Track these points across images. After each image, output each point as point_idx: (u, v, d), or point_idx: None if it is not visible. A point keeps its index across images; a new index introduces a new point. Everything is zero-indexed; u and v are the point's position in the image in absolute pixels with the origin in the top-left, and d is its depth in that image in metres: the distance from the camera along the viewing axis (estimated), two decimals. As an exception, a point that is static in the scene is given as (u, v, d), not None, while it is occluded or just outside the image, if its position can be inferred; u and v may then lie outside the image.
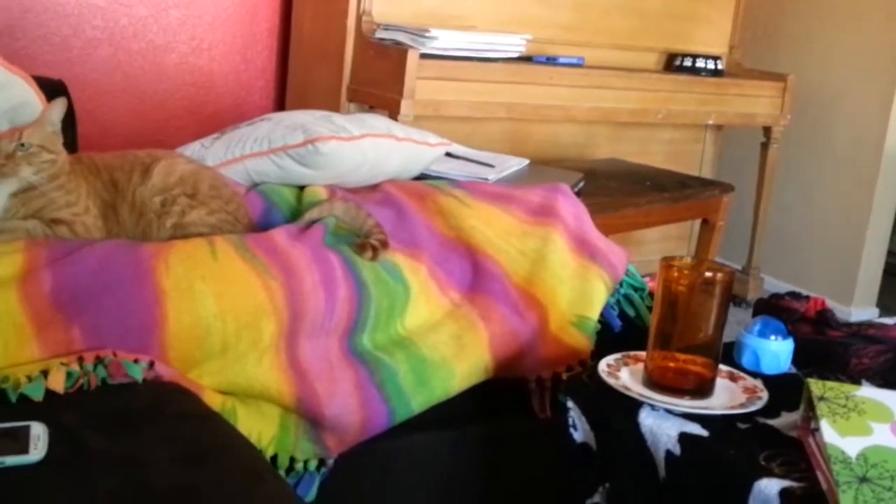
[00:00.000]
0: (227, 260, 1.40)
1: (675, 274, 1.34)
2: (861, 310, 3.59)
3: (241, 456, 1.16)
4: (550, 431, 1.47)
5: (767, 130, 3.59)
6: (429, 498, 1.58)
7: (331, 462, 1.43)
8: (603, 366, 1.38)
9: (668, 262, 1.35)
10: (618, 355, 1.42)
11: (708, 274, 1.32)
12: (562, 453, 1.39)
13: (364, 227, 1.64)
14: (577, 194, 2.13)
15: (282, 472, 1.39)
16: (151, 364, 1.27)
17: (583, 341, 1.69)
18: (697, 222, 3.45)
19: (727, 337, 1.46)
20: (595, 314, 1.73)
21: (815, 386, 1.22)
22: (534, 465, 1.62)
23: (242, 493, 1.06)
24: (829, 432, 1.15)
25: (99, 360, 1.24)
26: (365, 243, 1.58)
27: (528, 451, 1.64)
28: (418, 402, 1.49)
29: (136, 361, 1.26)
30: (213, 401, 1.32)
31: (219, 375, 1.34)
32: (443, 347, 1.56)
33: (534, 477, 1.62)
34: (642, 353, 1.39)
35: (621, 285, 1.83)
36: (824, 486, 1.11)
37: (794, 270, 3.84)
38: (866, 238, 3.61)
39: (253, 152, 1.82)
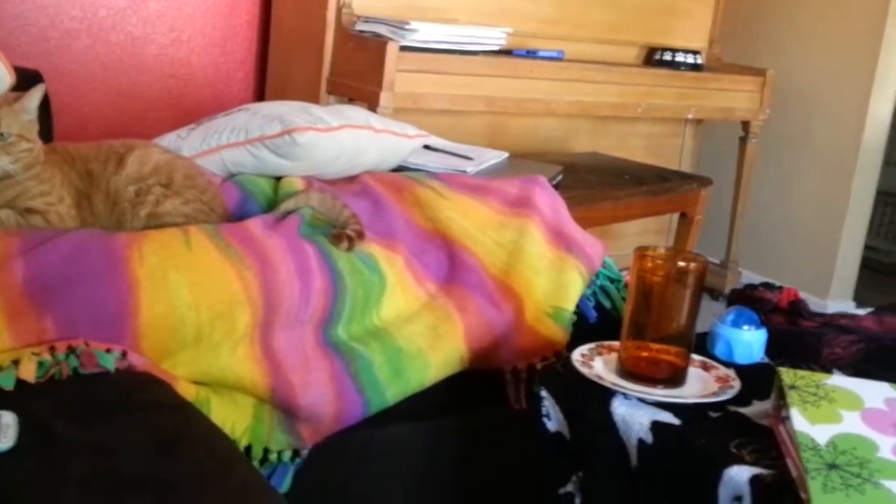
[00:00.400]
0: (202, 250, 1.40)
1: (650, 264, 1.34)
2: (838, 303, 3.62)
3: (213, 445, 1.16)
4: (526, 422, 1.48)
5: (746, 125, 3.61)
6: (404, 489, 1.58)
7: (305, 453, 1.42)
8: (577, 355, 1.38)
9: (642, 252, 1.35)
10: (591, 345, 1.43)
11: (681, 264, 1.33)
12: (535, 443, 1.39)
13: (340, 217, 1.64)
14: (556, 187, 2.14)
15: (256, 463, 1.39)
16: (124, 354, 1.27)
17: (559, 332, 1.69)
18: (676, 216, 3.46)
19: (702, 328, 1.47)
20: (571, 305, 1.73)
21: (787, 374, 1.23)
22: (509, 456, 1.62)
23: (214, 482, 1.06)
24: (799, 420, 1.15)
25: (71, 350, 1.23)
26: (341, 234, 1.57)
27: (504, 442, 1.64)
28: (393, 392, 1.49)
29: (108, 351, 1.26)
30: (187, 391, 1.32)
31: (192, 365, 1.34)
32: (418, 338, 1.56)
33: (509, 468, 1.62)
34: (616, 343, 1.40)
35: (598, 277, 1.84)
36: (794, 472, 1.11)
37: (772, 264, 3.86)
38: (843, 232, 3.64)
39: (229, 143, 1.81)
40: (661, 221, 3.82)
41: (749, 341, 1.45)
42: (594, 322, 1.76)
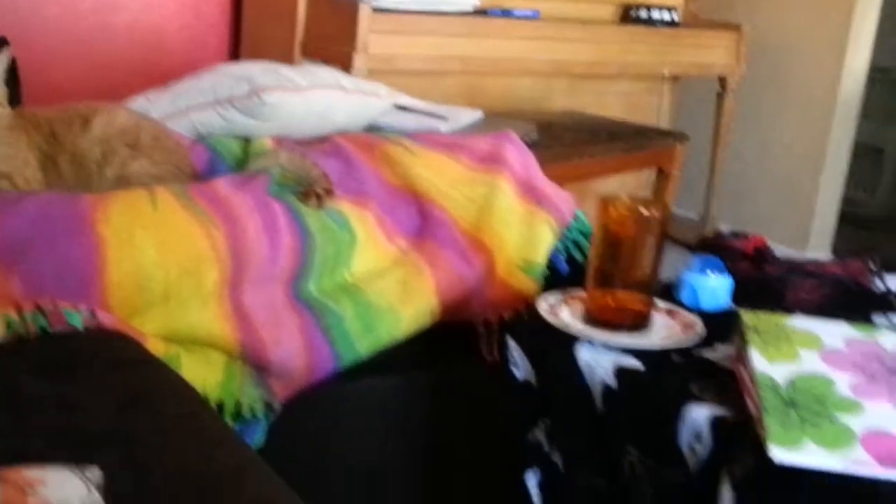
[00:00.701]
0: (168, 209, 1.40)
1: (613, 213, 1.36)
2: (816, 255, 3.65)
3: (181, 400, 1.17)
4: (498, 375, 1.49)
5: (723, 81, 3.62)
6: (378, 442, 1.60)
7: (278, 407, 1.44)
8: (543, 304, 1.40)
9: (605, 202, 1.37)
10: (558, 294, 1.44)
11: (644, 212, 1.34)
12: (504, 391, 1.41)
13: (309, 176, 1.64)
14: (531, 145, 2.14)
15: (229, 419, 1.40)
16: (92, 312, 1.28)
17: (530, 285, 1.71)
18: (654, 173, 3.47)
19: (672, 277, 1.49)
20: (542, 258, 1.74)
21: (747, 316, 1.25)
22: (482, 408, 1.64)
23: (181, 436, 1.07)
24: (758, 360, 1.17)
25: (38, 309, 1.24)
26: (309, 191, 1.58)
27: (477, 394, 1.66)
28: (365, 346, 1.51)
29: (76, 310, 1.26)
30: (157, 348, 1.33)
31: (161, 323, 1.35)
32: (389, 293, 1.57)
33: (482, 419, 1.64)
34: (582, 292, 1.41)
35: (569, 230, 1.85)
36: (753, 411, 1.13)
37: (751, 218, 3.88)
38: (821, 185, 3.66)
39: (198, 104, 1.81)
40: (639, 178, 3.83)
41: (714, 287, 1.47)
42: (566, 275, 1.78)
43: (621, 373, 1.27)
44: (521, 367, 1.39)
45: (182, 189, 1.47)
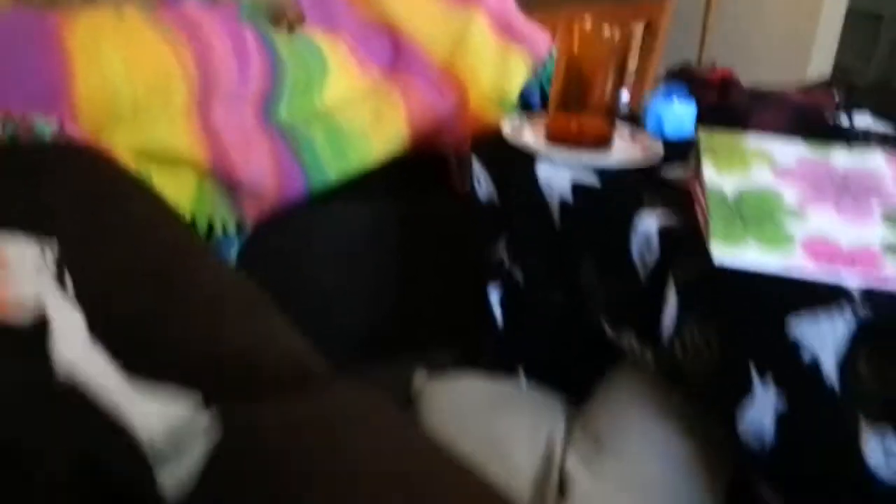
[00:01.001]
0: (136, 28, 1.40)
1: (576, 36, 1.36)
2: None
3: (150, 204, 1.20)
4: (469, 205, 1.52)
5: (719, -63, 3.54)
6: (350, 266, 1.64)
7: (249, 227, 1.48)
8: (507, 125, 1.42)
9: (569, 23, 1.37)
10: (522, 116, 1.47)
11: (606, 34, 1.35)
12: (468, 210, 1.45)
13: (281, 4, 1.64)
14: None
15: (201, 236, 1.44)
16: (62, 125, 1.30)
17: (502, 118, 1.72)
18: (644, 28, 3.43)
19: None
20: (515, 93, 1.76)
21: (704, 134, 1.27)
22: (451, 237, 1.67)
23: (145, 235, 1.10)
24: (710, 173, 1.20)
25: (7, 119, 1.26)
26: (280, 17, 1.58)
27: (447, 224, 1.69)
28: (334, 170, 1.53)
29: (45, 121, 1.28)
30: (128, 163, 1.35)
31: (131, 137, 1.37)
32: (361, 120, 1.59)
33: (451, 246, 1.68)
34: (545, 115, 1.43)
35: (544, 67, 1.85)
36: (700, 219, 1.17)
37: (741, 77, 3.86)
38: (812, 52, 3.63)
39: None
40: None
41: (679, 114, 1.49)
42: (538, 109, 1.79)
43: (578, 188, 1.30)
44: (484, 186, 1.43)
45: (150, 10, 1.47)
